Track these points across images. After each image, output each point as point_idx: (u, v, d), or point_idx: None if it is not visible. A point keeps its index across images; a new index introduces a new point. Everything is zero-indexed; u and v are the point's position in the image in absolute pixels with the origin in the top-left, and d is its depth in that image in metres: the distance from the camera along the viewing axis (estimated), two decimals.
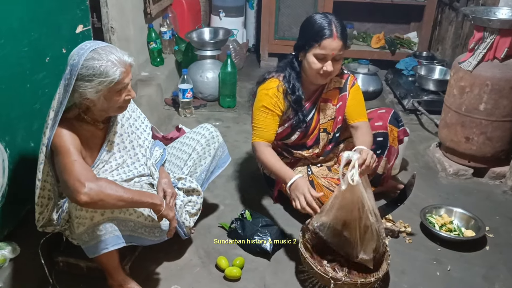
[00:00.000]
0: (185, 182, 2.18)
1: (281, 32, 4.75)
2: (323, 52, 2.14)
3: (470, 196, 2.85)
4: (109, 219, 1.80)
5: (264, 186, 2.74)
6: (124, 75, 1.75)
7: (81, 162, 1.72)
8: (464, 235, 2.45)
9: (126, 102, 1.85)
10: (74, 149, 1.74)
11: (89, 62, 1.69)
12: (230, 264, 2.20)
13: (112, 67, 1.70)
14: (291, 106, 2.33)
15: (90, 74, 1.69)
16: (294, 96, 2.31)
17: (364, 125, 2.36)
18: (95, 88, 1.71)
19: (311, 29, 2.17)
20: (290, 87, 2.30)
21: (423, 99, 3.76)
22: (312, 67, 2.19)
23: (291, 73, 2.31)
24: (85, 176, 1.67)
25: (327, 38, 2.11)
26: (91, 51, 1.71)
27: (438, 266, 2.29)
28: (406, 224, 2.53)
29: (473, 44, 2.75)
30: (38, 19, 2.12)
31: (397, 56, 4.66)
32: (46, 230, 1.97)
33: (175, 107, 3.81)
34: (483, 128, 2.81)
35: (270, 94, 2.28)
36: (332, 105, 2.43)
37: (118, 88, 1.76)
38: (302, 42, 2.23)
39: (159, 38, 4.04)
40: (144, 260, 2.20)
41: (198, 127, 2.35)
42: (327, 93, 2.42)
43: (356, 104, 2.40)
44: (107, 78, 1.70)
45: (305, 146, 2.50)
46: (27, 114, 2.12)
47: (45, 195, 1.91)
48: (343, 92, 2.41)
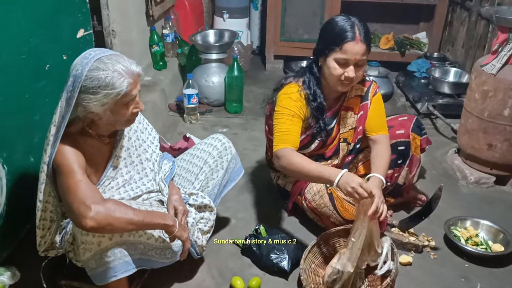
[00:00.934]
0: (196, 197, 2.03)
1: (287, 34, 4.60)
2: (345, 56, 2.00)
3: (494, 206, 2.71)
4: (118, 243, 1.65)
5: (278, 198, 2.59)
6: (132, 87, 1.60)
7: (86, 182, 1.57)
8: (492, 249, 2.31)
9: (134, 115, 1.70)
10: (79, 168, 1.59)
11: (93, 72, 1.54)
12: (246, 285, 2.05)
13: (119, 78, 1.55)
14: (312, 113, 2.19)
15: (95, 86, 1.54)
16: (316, 104, 2.16)
17: (383, 140, 2.23)
18: (100, 101, 1.56)
19: (332, 32, 2.03)
20: (311, 93, 2.15)
21: (438, 103, 3.62)
22: (332, 72, 2.05)
23: (310, 79, 2.17)
24: (91, 198, 1.52)
25: (349, 41, 1.97)
26: (95, 60, 1.55)
27: (467, 284, 2.14)
28: (430, 238, 2.39)
29: (497, 46, 2.61)
30: (37, 24, 1.97)
31: (407, 57, 4.52)
32: (49, 254, 1.82)
33: (180, 113, 3.66)
34: (507, 134, 2.67)
35: (293, 98, 2.13)
36: (353, 114, 2.29)
37: (126, 100, 1.61)
38: (322, 45, 2.08)
39: (162, 41, 3.89)
40: (153, 283, 2.05)
41: (209, 137, 2.20)
42: (348, 101, 2.28)
43: (378, 115, 2.26)
44: (114, 90, 1.55)
45: (324, 157, 2.36)
46: (26, 126, 1.97)
47: (47, 217, 1.75)
48: (364, 100, 2.27)
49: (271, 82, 4.39)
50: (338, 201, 2.21)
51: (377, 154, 2.18)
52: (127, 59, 1.63)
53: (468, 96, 2.85)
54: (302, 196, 2.36)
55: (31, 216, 1.80)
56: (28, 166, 1.99)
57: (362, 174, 2.47)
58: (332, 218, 2.21)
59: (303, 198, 2.35)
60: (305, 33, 4.57)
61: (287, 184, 2.46)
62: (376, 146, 2.22)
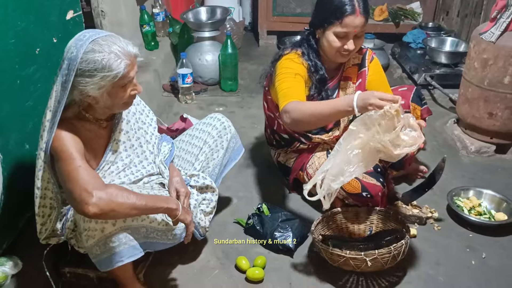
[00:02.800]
0: (198, 179, 1.99)
1: (279, 8, 4.51)
2: (345, 30, 1.95)
3: (496, 174, 2.70)
4: (122, 228, 1.62)
5: (279, 175, 2.57)
6: (129, 68, 1.54)
7: (86, 168, 1.53)
8: (495, 218, 2.30)
9: (132, 97, 1.64)
10: (77, 153, 1.54)
11: (89, 55, 1.48)
12: (251, 264, 2.03)
13: (116, 59, 1.50)
14: (315, 84, 2.14)
15: (91, 69, 1.48)
16: (318, 76, 2.12)
17: None
18: (97, 84, 1.51)
19: (330, 5, 1.97)
20: (312, 65, 2.11)
21: (435, 73, 3.57)
22: (332, 45, 2.01)
23: (309, 51, 2.12)
24: (92, 184, 1.48)
25: (349, 15, 1.92)
26: (90, 42, 1.49)
27: (473, 254, 2.14)
28: (433, 210, 2.38)
29: (496, 12, 2.56)
30: (23, 6, 1.89)
31: (402, 28, 4.45)
32: (50, 242, 1.79)
33: (175, 93, 3.60)
34: (508, 102, 2.64)
35: (296, 60, 2.08)
36: (352, 84, 2.26)
37: (123, 83, 1.56)
38: (320, 18, 2.03)
39: (152, 20, 3.80)
40: (158, 265, 2.03)
41: (207, 117, 2.15)
42: (346, 70, 2.25)
43: (379, 79, 2.24)
44: (111, 73, 1.50)
45: (325, 129, 2.32)
46: (20, 113, 1.91)
47: (46, 204, 1.71)
48: (362, 68, 2.24)
49: (265, 58, 4.36)
50: None
51: None
52: (123, 40, 1.57)
53: (467, 65, 2.81)
54: (304, 171, 2.33)
55: (31, 204, 1.76)
56: (24, 153, 1.94)
57: None
58: None
59: (305, 173, 2.33)
60: (297, 7, 4.48)
61: (288, 160, 2.43)
62: None
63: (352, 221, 2.20)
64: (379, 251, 1.82)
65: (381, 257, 1.82)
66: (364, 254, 1.82)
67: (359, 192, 2.12)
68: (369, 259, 1.81)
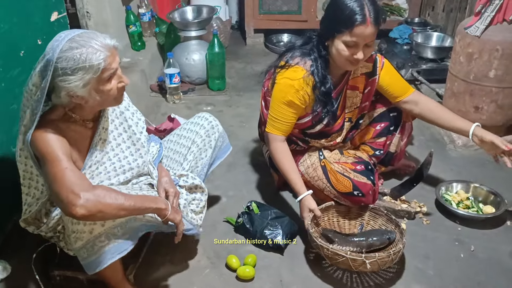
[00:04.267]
0: (187, 179, 1.99)
1: (266, 6, 4.50)
2: (355, 39, 1.89)
3: (484, 168, 2.72)
4: (111, 228, 1.61)
5: (267, 173, 2.57)
6: (110, 60, 1.53)
7: (72, 170, 1.51)
8: (483, 211, 2.32)
9: (121, 90, 1.63)
10: (63, 155, 1.52)
11: (67, 53, 1.47)
12: (242, 263, 2.04)
13: (95, 52, 1.48)
14: (318, 99, 2.10)
15: (72, 66, 1.46)
16: (324, 89, 2.07)
17: (418, 95, 2.29)
18: (81, 81, 1.49)
19: (340, 14, 1.90)
20: (319, 79, 2.05)
21: (422, 68, 3.59)
22: (341, 54, 1.95)
23: (318, 62, 2.05)
24: (79, 186, 1.46)
25: (359, 25, 1.86)
26: (67, 40, 1.48)
27: (461, 247, 2.16)
28: (421, 204, 2.39)
29: (480, 7, 2.58)
30: (6, 8, 1.88)
31: (388, 24, 4.44)
32: (28, 228, 1.76)
33: (162, 93, 3.58)
34: (493, 96, 2.66)
35: (297, 87, 2.03)
36: (359, 93, 2.23)
37: (107, 76, 1.54)
38: (329, 27, 1.97)
39: (138, 20, 3.78)
40: (148, 266, 2.03)
41: (195, 117, 2.15)
42: (354, 79, 2.20)
43: (396, 79, 2.27)
44: (92, 66, 1.48)
45: (326, 135, 2.29)
46: (4, 116, 1.90)
47: (38, 187, 1.72)
48: (372, 76, 2.21)
49: (253, 57, 4.37)
50: (332, 174, 2.18)
51: (440, 110, 2.28)
52: (99, 34, 1.55)
53: (452, 59, 2.83)
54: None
55: (18, 207, 1.75)
56: (9, 156, 1.92)
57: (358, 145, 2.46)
58: (326, 191, 2.19)
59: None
60: (284, 5, 4.47)
61: None
62: (420, 106, 2.26)
63: (344, 215, 2.22)
64: (379, 254, 1.84)
65: (380, 260, 1.83)
66: (365, 257, 1.82)
67: (350, 191, 2.12)
68: (369, 262, 1.81)
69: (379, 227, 2.14)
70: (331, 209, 2.20)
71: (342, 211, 2.22)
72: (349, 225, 2.21)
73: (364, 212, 2.20)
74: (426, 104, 2.26)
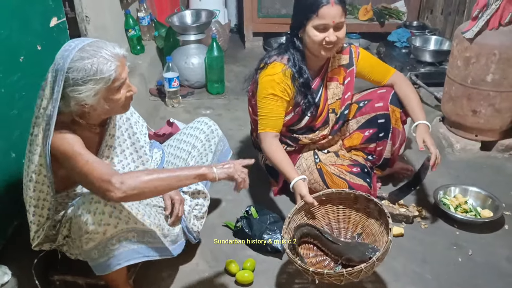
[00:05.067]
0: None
1: (264, 10, 4.52)
2: (323, 22, 2.01)
3: (481, 171, 2.73)
4: (124, 231, 1.61)
5: (266, 178, 2.57)
6: (120, 70, 1.55)
7: (95, 160, 1.53)
8: (481, 215, 2.33)
9: (128, 99, 1.66)
10: (82, 148, 1.55)
11: (78, 63, 1.48)
12: (241, 267, 2.05)
13: (106, 63, 1.50)
14: (299, 90, 2.18)
15: (83, 76, 1.49)
16: (302, 79, 2.16)
17: (397, 77, 2.37)
18: (91, 91, 1.51)
19: (305, 1, 2.04)
20: (297, 70, 2.15)
21: (420, 72, 3.60)
22: (314, 40, 2.06)
23: (295, 55, 2.15)
24: (106, 173, 1.48)
25: (324, 5, 2.00)
26: (77, 50, 1.50)
27: (459, 251, 2.17)
28: (420, 208, 2.40)
29: (477, 11, 2.59)
30: (6, 14, 1.89)
31: (387, 27, 4.48)
32: (43, 247, 1.77)
33: (161, 97, 3.60)
34: (491, 99, 2.67)
35: (277, 80, 2.13)
36: (339, 84, 2.30)
37: (117, 85, 1.56)
38: (298, 17, 2.10)
39: (138, 24, 3.79)
40: (147, 269, 2.03)
41: (194, 121, 2.16)
42: (333, 71, 2.29)
43: (375, 64, 2.36)
44: (103, 77, 1.50)
45: (313, 129, 2.34)
46: (5, 121, 1.90)
47: (43, 214, 1.70)
48: (350, 67, 2.29)
49: (252, 60, 4.36)
50: (328, 176, 2.20)
51: (404, 96, 2.32)
52: (109, 43, 1.57)
53: (450, 63, 2.84)
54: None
55: (18, 212, 1.76)
56: (10, 162, 1.93)
57: (347, 147, 2.47)
58: None
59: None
60: (282, 8, 4.50)
61: None
62: (396, 88, 2.34)
63: (346, 206, 2.10)
64: (347, 270, 1.68)
65: (349, 275, 1.69)
66: (326, 273, 1.69)
67: None
68: (334, 279, 1.71)
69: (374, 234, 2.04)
70: (333, 199, 2.09)
71: (346, 202, 2.09)
72: (344, 227, 2.13)
73: (367, 208, 2.05)
74: (398, 88, 2.35)
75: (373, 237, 2.01)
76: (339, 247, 1.96)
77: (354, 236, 2.10)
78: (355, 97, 2.44)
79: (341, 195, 2.06)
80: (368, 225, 2.10)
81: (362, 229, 2.09)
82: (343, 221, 2.14)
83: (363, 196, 1.99)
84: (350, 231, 2.13)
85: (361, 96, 2.44)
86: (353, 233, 2.11)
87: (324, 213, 2.12)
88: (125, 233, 1.62)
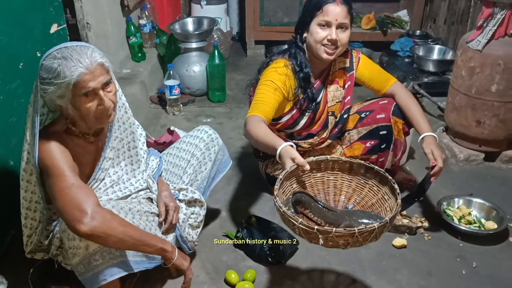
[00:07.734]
0: (186, 193, 1.96)
1: (267, 18, 4.51)
2: (326, 18, 2.05)
3: (485, 182, 2.70)
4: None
5: (267, 187, 2.54)
6: (87, 77, 1.46)
7: (79, 186, 1.49)
8: (485, 227, 2.29)
9: (102, 112, 1.55)
10: (69, 169, 1.50)
11: (47, 61, 1.46)
12: (241, 278, 2.01)
13: (70, 67, 1.43)
14: (299, 83, 2.20)
15: (48, 77, 1.45)
16: (302, 74, 2.19)
17: (397, 88, 2.34)
18: (55, 92, 1.47)
19: (312, 1, 2.11)
20: (297, 63, 2.18)
21: (423, 81, 3.58)
22: (316, 38, 2.09)
23: (296, 51, 2.20)
24: (86, 203, 1.44)
25: (330, 3, 2.04)
26: (57, 49, 1.48)
27: (463, 263, 2.13)
28: (423, 219, 2.36)
29: (482, 21, 2.57)
30: (6, 20, 1.87)
31: (389, 36, 4.47)
32: (36, 256, 1.74)
33: (162, 104, 3.57)
34: (495, 110, 2.65)
35: (279, 71, 2.15)
36: (339, 87, 2.32)
37: (81, 92, 1.48)
38: (304, 16, 2.14)
39: (139, 31, 3.78)
40: (146, 281, 1.99)
41: (195, 130, 2.13)
42: (333, 74, 2.32)
43: (375, 72, 2.36)
44: (64, 80, 1.44)
45: (312, 135, 2.36)
46: (3, 128, 1.88)
47: (36, 217, 1.67)
48: (350, 71, 2.31)
49: (253, 68, 4.30)
50: None
51: (407, 107, 2.29)
52: (93, 48, 1.52)
53: (454, 73, 2.82)
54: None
55: (15, 221, 1.73)
56: (8, 169, 1.90)
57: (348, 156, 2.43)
58: None
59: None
60: (285, 16, 4.49)
61: (275, 171, 2.42)
62: (397, 98, 2.32)
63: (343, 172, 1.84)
64: (358, 229, 1.41)
65: (361, 235, 1.43)
66: (335, 232, 1.41)
67: None
68: (342, 240, 1.45)
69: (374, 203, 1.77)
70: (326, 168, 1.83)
71: (342, 168, 1.83)
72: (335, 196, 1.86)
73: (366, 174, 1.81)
74: (399, 99, 2.32)
75: (370, 209, 1.76)
76: (337, 214, 1.70)
77: (347, 207, 1.82)
78: (356, 107, 2.43)
79: (336, 163, 1.81)
80: (363, 197, 1.82)
81: (356, 201, 1.81)
82: (334, 193, 1.86)
83: (361, 164, 1.78)
84: (342, 202, 1.85)
85: (362, 106, 2.42)
86: (346, 205, 1.84)
87: (314, 183, 1.85)
88: (108, 248, 1.58)
